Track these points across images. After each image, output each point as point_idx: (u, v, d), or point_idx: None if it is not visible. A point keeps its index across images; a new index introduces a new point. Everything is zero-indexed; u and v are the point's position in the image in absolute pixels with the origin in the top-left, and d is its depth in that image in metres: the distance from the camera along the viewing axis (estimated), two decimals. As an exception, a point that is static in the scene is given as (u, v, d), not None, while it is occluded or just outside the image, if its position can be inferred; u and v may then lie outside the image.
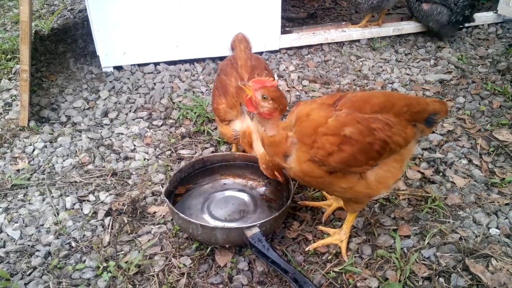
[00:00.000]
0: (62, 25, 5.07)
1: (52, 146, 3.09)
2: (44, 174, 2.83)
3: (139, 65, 4.02)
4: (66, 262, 2.24)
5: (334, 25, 4.61)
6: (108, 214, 2.51)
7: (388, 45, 4.49)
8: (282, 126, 1.97)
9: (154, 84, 3.82)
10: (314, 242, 2.30)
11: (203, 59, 4.16)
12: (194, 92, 3.71)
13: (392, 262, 2.19)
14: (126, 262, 2.20)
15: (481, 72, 3.97)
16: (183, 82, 3.85)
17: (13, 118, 3.37)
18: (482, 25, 4.75)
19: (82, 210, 2.55)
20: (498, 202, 2.53)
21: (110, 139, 3.17)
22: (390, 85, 3.82)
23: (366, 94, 2.03)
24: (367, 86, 3.80)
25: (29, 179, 2.79)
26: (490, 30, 4.72)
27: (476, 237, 2.32)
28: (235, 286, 2.09)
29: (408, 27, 4.59)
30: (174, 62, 4.09)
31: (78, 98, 3.60)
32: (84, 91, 3.71)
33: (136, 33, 3.87)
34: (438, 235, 2.32)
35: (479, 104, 3.49)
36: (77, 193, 2.68)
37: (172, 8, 3.83)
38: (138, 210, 2.51)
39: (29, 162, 2.93)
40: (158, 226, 2.43)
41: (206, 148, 3.05)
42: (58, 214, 2.52)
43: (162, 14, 3.84)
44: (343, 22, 4.70)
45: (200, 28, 3.97)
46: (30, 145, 3.08)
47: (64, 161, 2.94)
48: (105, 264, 2.20)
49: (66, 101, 3.58)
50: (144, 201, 2.60)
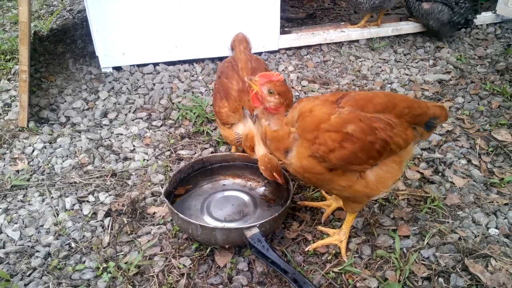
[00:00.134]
0: (61, 25, 5.07)
1: (51, 147, 3.09)
2: (43, 174, 2.83)
3: (138, 65, 4.02)
4: (66, 263, 2.24)
5: (333, 25, 4.62)
6: (107, 214, 2.51)
7: (387, 45, 4.49)
8: (285, 121, 1.98)
9: (154, 84, 3.82)
10: (314, 242, 2.30)
11: (202, 60, 4.17)
12: (193, 92, 3.71)
13: (391, 262, 2.19)
14: (126, 263, 2.20)
15: (480, 72, 3.97)
16: (183, 82, 3.85)
17: (12, 118, 3.37)
18: (481, 25, 4.76)
19: (81, 210, 2.55)
20: (497, 202, 2.54)
21: (109, 140, 3.17)
22: (389, 85, 3.83)
23: (370, 94, 2.03)
24: (366, 87, 3.81)
25: (28, 180, 2.79)
26: (489, 30, 4.73)
27: (475, 237, 2.32)
28: (235, 287, 2.09)
29: (407, 27, 4.59)
30: (173, 63, 4.09)
31: (78, 99, 3.60)
32: (83, 92, 3.71)
33: (135, 33, 3.87)
34: (437, 235, 2.33)
35: (478, 104, 3.50)
36: (76, 193, 2.68)
37: (171, 8, 3.84)
38: (138, 211, 2.51)
39: (28, 163, 2.93)
40: (158, 226, 2.43)
41: (206, 148, 3.06)
42: (57, 214, 2.52)
43: (161, 14, 3.84)
44: (342, 23, 4.70)
45: (199, 28, 3.98)
46: (30, 145, 3.08)
47: (63, 161, 2.94)
48: (105, 264, 2.20)
49: (65, 101, 3.58)
50: (143, 201, 2.60)
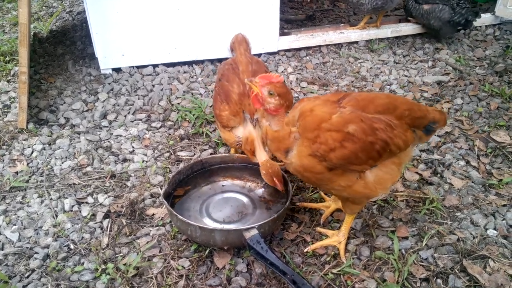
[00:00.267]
0: (61, 27, 5.07)
1: (50, 148, 3.09)
2: (42, 176, 2.83)
3: (138, 67, 4.03)
4: (64, 264, 2.24)
5: (332, 27, 4.63)
6: (106, 216, 2.51)
7: (386, 46, 4.50)
8: (285, 121, 1.98)
9: (153, 86, 3.82)
10: (313, 243, 2.30)
11: (202, 61, 4.17)
12: (192, 94, 3.71)
13: (390, 263, 2.19)
14: (125, 264, 2.20)
15: (478, 73, 3.98)
16: (182, 84, 3.86)
17: (11, 120, 3.37)
18: (480, 26, 4.77)
19: (80, 212, 2.56)
20: (496, 203, 2.54)
21: (108, 141, 3.17)
22: (388, 86, 3.83)
23: (371, 95, 2.04)
24: (365, 88, 3.81)
25: (27, 181, 2.79)
26: (488, 32, 4.73)
27: (473, 238, 2.33)
28: (234, 288, 2.09)
29: (406, 29, 4.60)
30: (172, 64, 4.09)
31: (77, 100, 3.60)
32: (82, 93, 3.71)
33: (134, 35, 3.87)
34: (436, 237, 2.33)
35: (477, 105, 3.50)
36: (75, 195, 2.68)
37: (170, 10, 3.84)
38: (137, 212, 2.51)
39: (27, 164, 2.93)
40: (157, 228, 2.43)
41: (205, 150, 3.06)
42: (56, 216, 2.53)
43: (161, 16, 3.85)
44: (341, 24, 4.71)
45: (198, 30, 3.98)
46: (29, 147, 3.08)
47: (62, 163, 2.95)
48: (103, 266, 2.20)
49: (64, 103, 3.59)
50: (142, 203, 2.60)
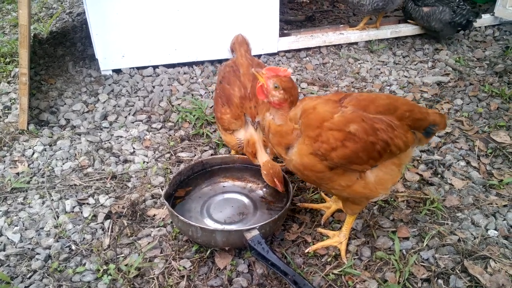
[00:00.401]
0: (61, 28, 5.07)
1: (51, 149, 3.09)
2: (43, 177, 2.84)
3: (138, 68, 4.03)
4: (66, 265, 2.24)
5: (332, 27, 4.64)
6: (108, 217, 2.52)
7: (386, 47, 4.51)
8: (289, 117, 1.98)
9: (153, 87, 3.82)
10: (314, 244, 2.31)
11: (202, 62, 4.17)
12: (193, 95, 3.72)
13: (391, 264, 2.20)
14: (126, 265, 2.20)
15: (478, 74, 3.99)
16: (182, 85, 3.86)
17: (12, 121, 3.37)
18: (479, 27, 4.78)
19: (82, 213, 2.56)
20: (496, 204, 2.55)
21: (109, 142, 3.17)
22: (388, 87, 3.84)
23: (372, 95, 2.05)
24: (365, 89, 3.82)
25: (28, 182, 2.79)
26: (487, 32, 4.74)
27: (474, 238, 2.33)
28: (235, 289, 2.09)
29: (405, 30, 4.61)
30: (173, 65, 4.10)
31: (77, 101, 3.60)
32: (83, 94, 3.72)
33: (135, 36, 3.88)
34: (436, 237, 2.34)
35: (477, 106, 3.51)
36: (76, 196, 2.68)
37: (170, 11, 3.85)
38: (138, 213, 2.52)
39: (28, 165, 2.94)
40: (158, 229, 2.43)
41: (205, 150, 3.06)
42: (58, 217, 2.53)
43: (161, 17, 3.85)
44: (341, 25, 4.72)
45: (198, 31, 3.99)
46: (30, 148, 3.09)
47: (63, 164, 2.95)
48: (105, 267, 2.20)
49: (65, 104, 3.59)
50: (143, 204, 2.60)
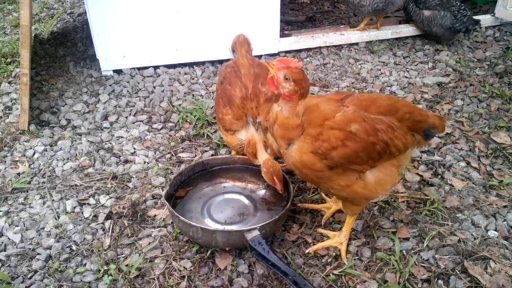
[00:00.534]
0: (62, 28, 5.08)
1: (52, 150, 3.10)
2: (44, 177, 2.84)
3: (139, 68, 4.04)
4: (67, 266, 2.24)
5: (333, 28, 4.64)
6: (108, 217, 2.52)
7: (386, 48, 4.51)
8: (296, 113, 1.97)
9: (154, 87, 3.83)
10: (314, 244, 2.31)
11: (203, 63, 4.18)
12: (193, 95, 3.72)
13: (391, 264, 2.20)
14: (127, 265, 2.21)
15: (479, 74, 3.99)
16: (183, 85, 3.87)
17: (13, 121, 3.38)
18: (480, 28, 4.78)
19: (82, 213, 2.56)
20: (497, 205, 2.55)
21: (110, 143, 3.18)
22: (389, 88, 3.84)
23: (373, 96, 2.05)
24: (366, 89, 3.82)
25: (29, 183, 2.80)
26: (488, 33, 4.75)
27: (474, 239, 2.33)
28: (236, 289, 2.10)
29: (406, 30, 4.61)
30: (173, 66, 4.10)
31: (78, 102, 3.61)
32: (84, 95, 3.72)
33: (135, 36, 3.88)
34: (437, 238, 2.34)
35: (477, 106, 3.51)
36: (77, 196, 2.69)
37: (171, 11, 3.85)
38: (139, 213, 2.52)
39: (29, 165, 2.94)
40: (159, 229, 2.43)
41: (206, 151, 3.07)
42: (58, 217, 2.53)
43: (162, 17, 3.86)
44: (342, 26, 4.72)
45: (199, 31, 3.99)
46: (31, 148, 3.09)
47: (64, 164, 2.95)
48: (105, 267, 2.21)
49: (66, 104, 3.59)
50: (144, 204, 2.61)
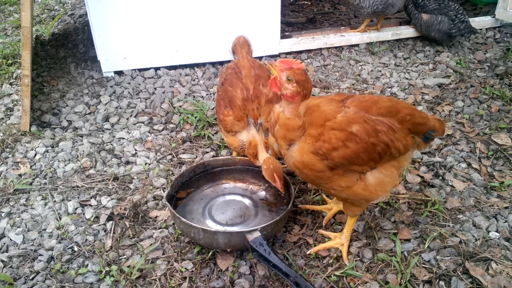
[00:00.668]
0: (63, 30, 5.09)
1: (53, 151, 3.10)
2: (46, 178, 2.85)
3: (140, 70, 4.04)
4: (68, 267, 2.25)
5: (333, 29, 4.64)
6: (110, 218, 2.52)
7: (387, 49, 4.51)
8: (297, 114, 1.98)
9: (155, 88, 3.83)
10: (315, 246, 2.32)
11: (203, 64, 4.18)
12: (194, 96, 3.72)
13: (392, 265, 2.20)
14: (129, 266, 2.21)
15: (479, 76, 4.00)
16: (184, 86, 3.87)
17: (14, 123, 3.38)
18: (480, 29, 4.79)
19: (84, 214, 2.57)
20: (498, 206, 2.55)
21: (111, 144, 3.18)
22: (389, 89, 3.85)
23: (374, 97, 2.06)
24: (367, 91, 3.83)
25: (31, 184, 2.80)
26: (488, 35, 4.75)
27: (476, 240, 2.34)
28: (237, 290, 2.10)
29: (406, 32, 4.61)
30: (174, 67, 4.11)
31: (79, 103, 3.61)
32: (85, 96, 3.73)
33: (136, 38, 3.89)
34: (438, 239, 2.34)
35: (478, 108, 3.52)
36: (79, 197, 2.69)
37: (172, 13, 3.86)
38: (140, 215, 2.52)
39: (31, 167, 2.94)
40: (160, 230, 2.44)
41: (207, 152, 3.07)
42: (60, 218, 2.54)
43: (163, 19, 3.87)
44: (342, 27, 4.72)
45: (200, 33, 4.00)
46: (32, 149, 3.09)
47: (65, 165, 2.96)
48: (107, 268, 2.21)
49: (67, 106, 3.60)
50: (145, 205, 2.61)
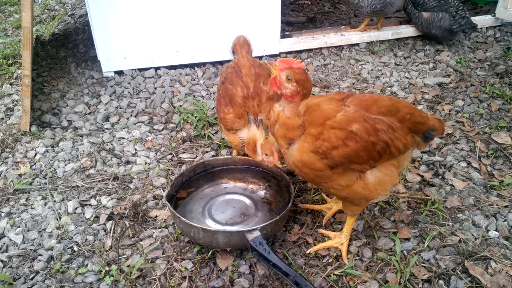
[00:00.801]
0: (63, 30, 5.09)
1: (53, 151, 3.10)
2: (46, 178, 2.85)
3: (140, 69, 4.05)
4: (68, 266, 2.25)
5: (333, 29, 4.64)
6: (110, 218, 2.53)
7: (387, 48, 4.51)
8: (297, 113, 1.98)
9: (155, 88, 3.84)
10: (315, 245, 2.32)
11: (204, 64, 4.19)
12: (194, 96, 3.73)
13: (392, 264, 2.20)
14: (128, 266, 2.21)
15: (479, 75, 3.99)
16: (184, 86, 3.88)
17: (14, 123, 3.39)
18: (481, 28, 4.78)
19: (84, 214, 2.57)
20: (497, 205, 2.55)
21: (111, 144, 3.19)
22: (389, 88, 3.85)
23: (374, 96, 2.06)
24: (367, 90, 3.83)
25: (31, 184, 2.81)
26: (488, 34, 4.75)
27: (475, 239, 2.34)
28: (237, 289, 2.10)
29: (406, 31, 4.61)
30: (174, 67, 4.11)
31: (79, 103, 3.62)
32: (85, 96, 3.73)
33: (136, 38, 3.89)
34: (437, 238, 2.34)
35: (478, 107, 3.51)
36: (79, 197, 2.70)
37: (172, 13, 3.86)
38: (140, 214, 2.53)
39: (31, 166, 2.95)
40: (160, 230, 2.44)
41: (207, 152, 3.07)
42: (60, 218, 2.54)
43: (163, 19, 3.87)
44: (342, 26, 4.72)
45: (200, 33, 4.00)
46: (32, 149, 3.10)
47: (65, 165, 2.96)
48: (107, 268, 2.21)
49: (67, 105, 3.60)
50: (145, 205, 2.62)
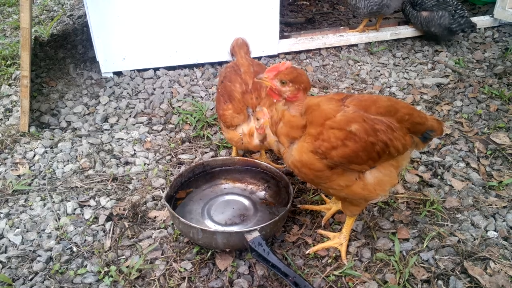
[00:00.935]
0: (62, 31, 5.09)
1: (52, 152, 3.10)
2: (45, 179, 2.85)
3: (139, 70, 4.05)
4: (67, 267, 2.25)
5: (332, 29, 4.65)
6: (109, 219, 2.53)
7: (385, 49, 4.52)
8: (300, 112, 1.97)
9: (154, 89, 3.84)
10: (314, 245, 2.32)
11: (202, 64, 4.19)
12: (193, 97, 3.73)
13: (391, 265, 2.21)
14: (127, 267, 2.21)
15: (478, 75, 4.00)
16: (183, 87, 3.88)
17: (13, 123, 3.39)
18: (479, 29, 4.79)
19: (83, 215, 2.57)
20: (496, 205, 2.56)
21: (110, 144, 3.18)
22: (388, 89, 3.85)
23: (373, 97, 2.06)
24: (365, 90, 3.83)
25: (30, 185, 2.80)
26: (487, 34, 4.76)
27: (474, 239, 2.34)
28: (236, 290, 2.10)
29: (405, 32, 4.62)
30: (173, 68, 4.11)
31: (78, 104, 3.62)
32: (84, 97, 3.73)
33: (135, 38, 3.89)
34: (436, 238, 2.34)
35: (476, 107, 3.52)
36: (78, 198, 2.69)
37: (171, 14, 3.86)
38: (139, 215, 2.53)
39: (30, 167, 2.95)
40: (159, 230, 2.44)
41: (206, 152, 3.07)
42: (59, 219, 2.54)
43: (162, 19, 3.87)
44: (341, 27, 4.73)
45: (199, 33, 4.00)
46: (31, 150, 3.10)
47: (64, 166, 2.96)
48: (106, 268, 2.21)
49: (66, 106, 3.60)
50: (144, 205, 2.61)
